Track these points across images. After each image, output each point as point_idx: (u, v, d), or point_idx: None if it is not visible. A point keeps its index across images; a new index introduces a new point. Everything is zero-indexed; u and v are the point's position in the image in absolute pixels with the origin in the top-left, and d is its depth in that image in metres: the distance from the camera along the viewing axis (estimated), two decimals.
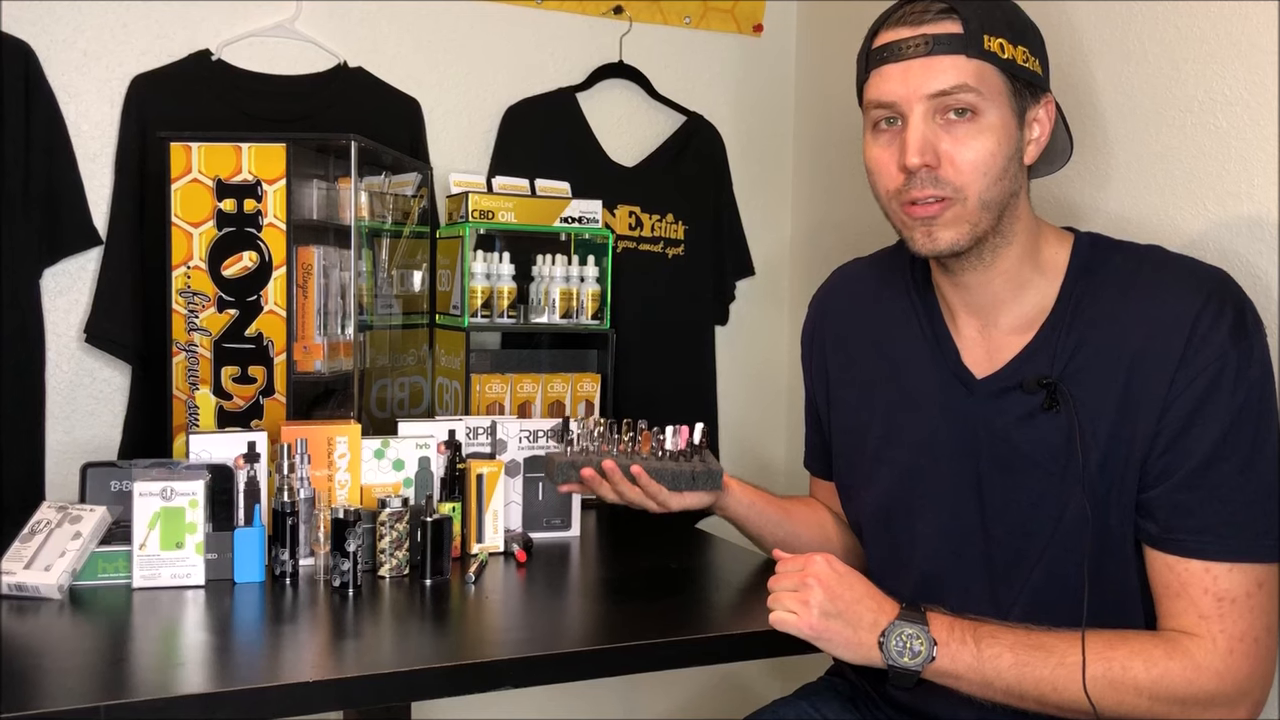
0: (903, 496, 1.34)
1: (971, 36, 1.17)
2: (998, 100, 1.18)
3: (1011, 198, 1.21)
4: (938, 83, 1.17)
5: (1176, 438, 1.14)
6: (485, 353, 2.08)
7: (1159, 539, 1.16)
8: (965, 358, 1.29)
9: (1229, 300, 1.16)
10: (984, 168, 1.18)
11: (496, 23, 2.19)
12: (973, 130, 1.18)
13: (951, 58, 1.17)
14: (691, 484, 1.47)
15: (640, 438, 1.53)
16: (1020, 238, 1.24)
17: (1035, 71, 1.22)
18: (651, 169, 2.30)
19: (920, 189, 1.19)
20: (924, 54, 1.17)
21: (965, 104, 1.17)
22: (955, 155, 1.18)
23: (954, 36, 1.17)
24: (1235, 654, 1.12)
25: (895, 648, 1.16)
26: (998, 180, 1.19)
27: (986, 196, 1.19)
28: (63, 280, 1.93)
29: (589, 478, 1.48)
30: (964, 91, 1.17)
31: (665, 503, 1.48)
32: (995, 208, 1.20)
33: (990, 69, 1.18)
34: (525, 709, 2.27)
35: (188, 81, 1.95)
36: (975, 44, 1.17)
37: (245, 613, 1.35)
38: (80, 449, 1.91)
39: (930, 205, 1.19)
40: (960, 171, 1.18)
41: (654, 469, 1.47)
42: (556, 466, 1.51)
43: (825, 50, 2.37)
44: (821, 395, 1.49)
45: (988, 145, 1.18)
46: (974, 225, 1.20)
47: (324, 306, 1.77)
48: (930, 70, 1.17)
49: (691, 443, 1.52)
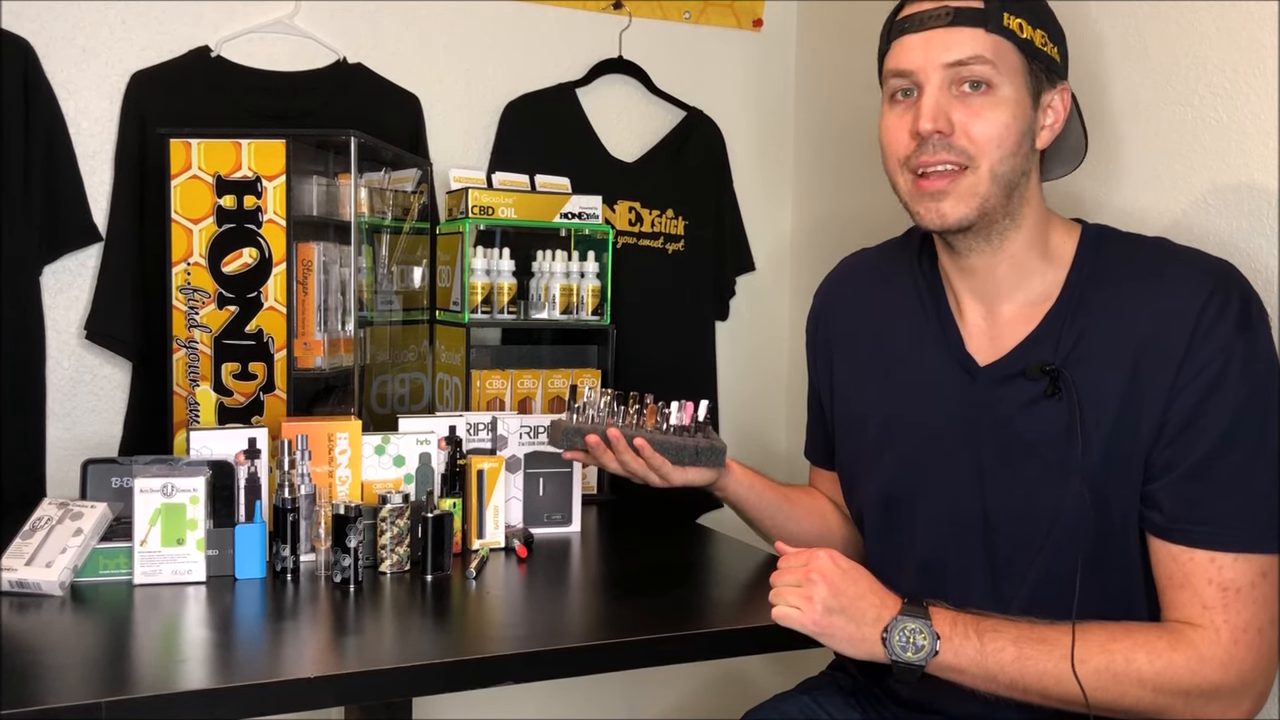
0: (905, 484, 1.34)
1: (992, 12, 1.19)
2: (1013, 77, 1.20)
3: (1022, 177, 1.22)
4: (955, 52, 1.19)
5: (1183, 428, 1.14)
6: (485, 348, 2.08)
7: (1164, 529, 1.16)
8: (969, 345, 1.29)
9: (1235, 292, 1.16)
10: (997, 139, 1.19)
11: (496, 18, 2.19)
12: (988, 103, 1.19)
13: (971, 30, 1.19)
14: (695, 458, 1.46)
15: (646, 411, 1.51)
16: (1029, 223, 1.25)
17: (1053, 57, 1.23)
18: (652, 164, 2.30)
19: (932, 154, 1.20)
20: (945, 24, 1.20)
21: (981, 76, 1.19)
22: (969, 125, 1.19)
23: (975, 10, 1.20)
24: (1239, 645, 1.12)
25: (899, 643, 1.16)
26: (1010, 155, 1.20)
27: (999, 169, 1.20)
28: (63, 277, 1.93)
29: (594, 444, 1.46)
30: (980, 63, 1.19)
31: (667, 476, 1.46)
32: (1005, 183, 1.21)
33: (1008, 46, 1.20)
34: (526, 704, 2.28)
35: (187, 78, 1.95)
36: (995, 19, 1.19)
37: (246, 609, 1.35)
38: (81, 445, 1.91)
39: (939, 178, 1.20)
40: (973, 140, 1.19)
41: (658, 441, 1.45)
42: (562, 432, 1.49)
43: (825, 44, 2.36)
44: (825, 383, 1.49)
45: (1002, 118, 1.19)
46: (983, 199, 1.20)
47: (324, 303, 1.77)
48: (949, 40, 1.19)
49: (696, 419, 1.51)
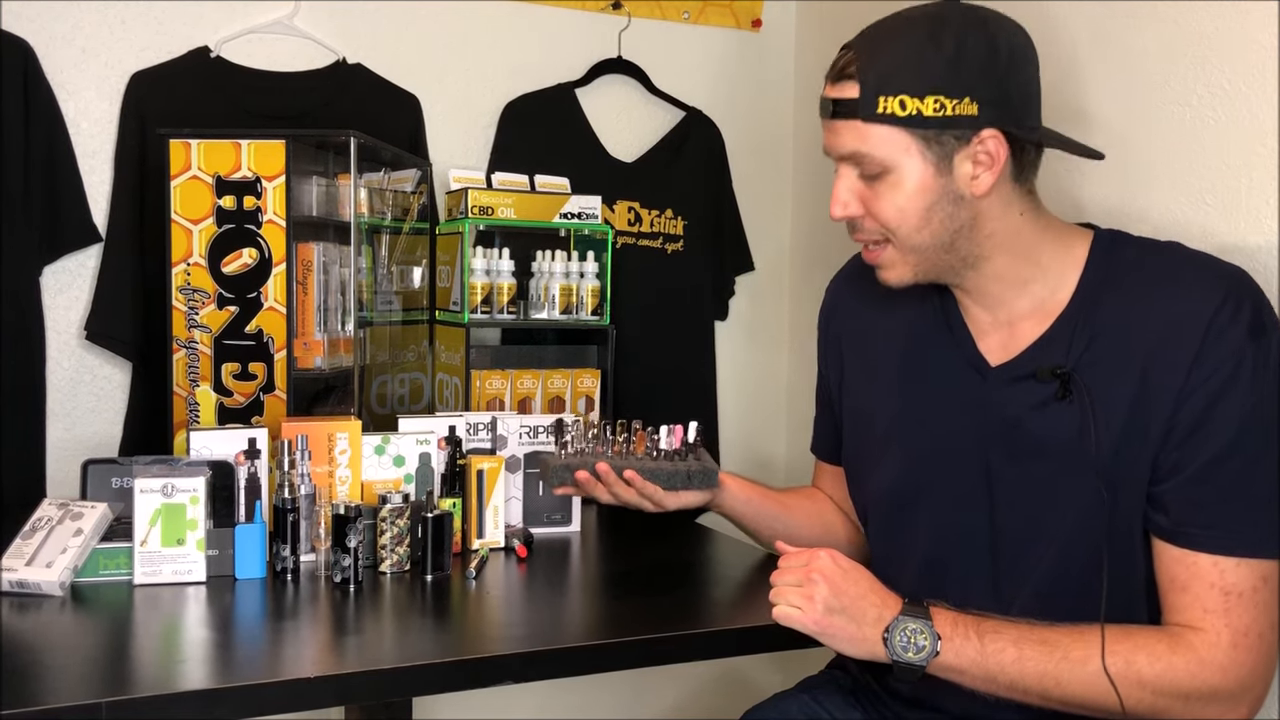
0: (911, 481, 1.34)
1: (866, 100, 1.18)
2: (905, 156, 1.18)
3: (956, 234, 1.22)
4: (838, 148, 1.23)
5: (1190, 432, 1.14)
6: (485, 349, 2.08)
7: (1169, 532, 1.16)
8: (980, 345, 1.29)
9: (1247, 297, 1.15)
10: (898, 218, 1.21)
11: (495, 19, 2.19)
12: (884, 187, 1.21)
13: (848, 123, 1.20)
14: (687, 482, 1.48)
15: (635, 438, 1.53)
16: (1002, 249, 1.24)
17: (955, 116, 1.16)
18: (651, 164, 2.29)
19: (857, 232, 1.27)
20: (828, 117, 1.23)
21: (867, 169, 1.21)
22: (873, 208, 1.23)
23: (849, 101, 1.19)
24: (1239, 649, 1.12)
25: (899, 643, 1.16)
26: (920, 228, 1.21)
27: (914, 241, 1.22)
28: (63, 278, 1.93)
29: (583, 480, 1.49)
30: (861, 158, 1.21)
31: (661, 502, 1.49)
32: (931, 248, 1.23)
33: (889, 130, 1.18)
34: (526, 704, 2.28)
35: (187, 78, 1.95)
36: (869, 107, 1.18)
37: (246, 609, 1.35)
38: (81, 446, 1.91)
39: (870, 251, 1.27)
40: (880, 221, 1.23)
41: (649, 470, 1.48)
42: (551, 470, 1.52)
43: (825, 45, 2.34)
44: (835, 377, 1.50)
45: (898, 200, 1.20)
46: (915, 264, 1.25)
47: (324, 303, 1.77)
48: (833, 133, 1.23)
49: (686, 441, 1.53)
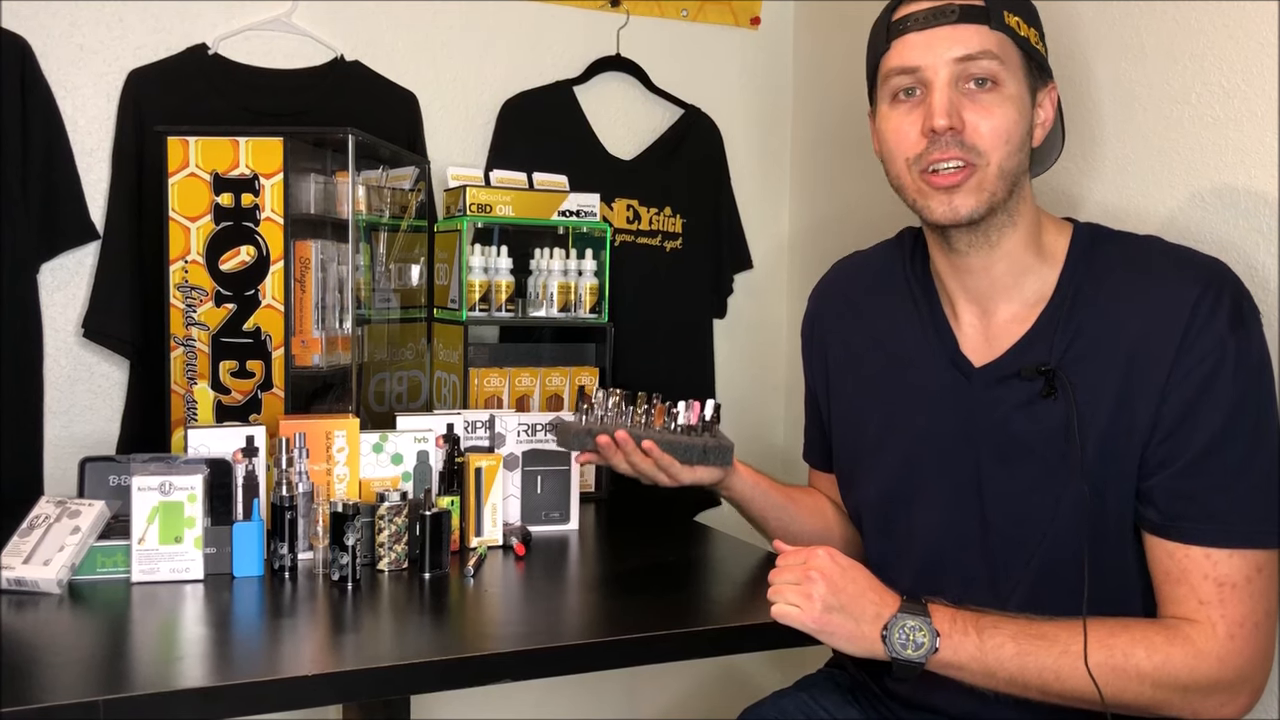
0: (902, 485, 1.34)
1: (994, 9, 1.21)
2: (1016, 73, 1.22)
3: (1023, 174, 1.24)
4: (963, 48, 1.20)
5: (1177, 425, 1.15)
6: (483, 346, 2.08)
7: (1160, 526, 1.17)
8: (964, 346, 1.30)
9: (1226, 289, 1.16)
10: (1005, 135, 1.20)
11: (493, 16, 2.19)
12: (995, 99, 1.21)
13: (976, 26, 1.20)
14: (703, 457, 1.47)
15: (654, 411, 1.52)
16: (1024, 220, 1.26)
17: (1044, 56, 1.26)
18: (649, 162, 2.29)
19: (944, 151, 1.21)
20: (950, 22, 1.21)
21: (988, 72, 1.20)
22: (979, 122, 1.20)
23: (978, 8, 1.21)
24: (1235, 639, 1.12)
25: (898, 640, 1.16)
26: (1016, 151, 1.22)
27: (1006, 165, 1.21)
28: (60, 275, 1.92)
29: (604, 445, 1.46)
30: (988, 58, 1.20)
31: (676, 475, 1.47)
32: (1010, 179, 1.22)
33: (1010, 42, 1.21)
34: (524, 702, 2.27)
35: (184, 76, 1.95)
36: (998, 16, 1.21)
37: (244, 607, 1.35)
38: (78, 444, 1.91)
39: (953, 174, 1.21)
40: (984, 137, 1.20)
41: (666, 441, 1.46)
42: (572, 434, 1.50)
43: (823, 42, 2.36)
44: (821, 387, 1.49)
45: (1010, 114, 1.21)
46: (992, 194, 1.22)
47: (322, 300, 1.77)
48: (955, 36, 1.20)
49: (703, 418, 1.51)
